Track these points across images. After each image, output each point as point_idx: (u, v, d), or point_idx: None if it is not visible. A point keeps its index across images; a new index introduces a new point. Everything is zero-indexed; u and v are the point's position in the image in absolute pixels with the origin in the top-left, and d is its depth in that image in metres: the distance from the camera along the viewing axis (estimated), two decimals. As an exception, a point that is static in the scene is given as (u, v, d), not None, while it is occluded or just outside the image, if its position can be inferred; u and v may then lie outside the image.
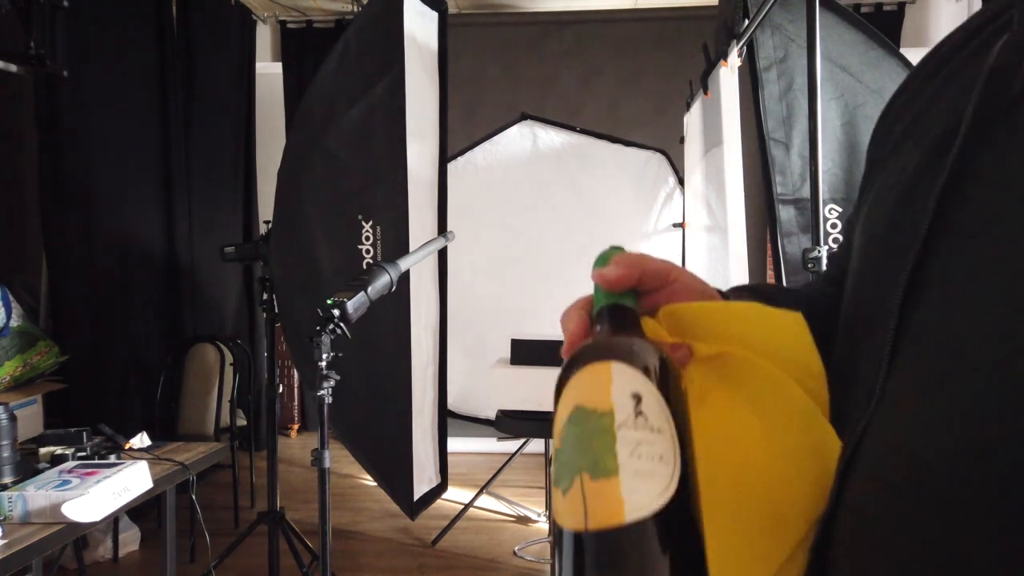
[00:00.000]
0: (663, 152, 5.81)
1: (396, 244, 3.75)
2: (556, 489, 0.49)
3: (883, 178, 0.61)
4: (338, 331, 2.45)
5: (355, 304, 2.44)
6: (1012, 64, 0.51)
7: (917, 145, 0.58)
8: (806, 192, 3.38)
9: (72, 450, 2.60)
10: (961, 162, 0.51)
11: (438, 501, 4.44)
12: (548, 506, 4.17)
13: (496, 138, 5.90)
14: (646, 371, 0.53)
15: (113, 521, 3.99)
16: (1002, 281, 0.46)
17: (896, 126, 0.64)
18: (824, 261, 2.79)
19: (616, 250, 0.65)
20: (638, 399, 0.51)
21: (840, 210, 3.37)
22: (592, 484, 0.47)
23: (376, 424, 3.94)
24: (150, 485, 2.43)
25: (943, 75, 0.60)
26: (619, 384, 0.51)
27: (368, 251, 3.83)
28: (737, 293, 0.72)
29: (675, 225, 5.84)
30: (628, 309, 0.61)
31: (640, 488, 0.47)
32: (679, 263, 5.18)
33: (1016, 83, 0.50)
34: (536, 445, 5.00)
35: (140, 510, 3.79)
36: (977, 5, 5.64)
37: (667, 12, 6.11)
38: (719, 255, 4.18)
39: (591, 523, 0.46)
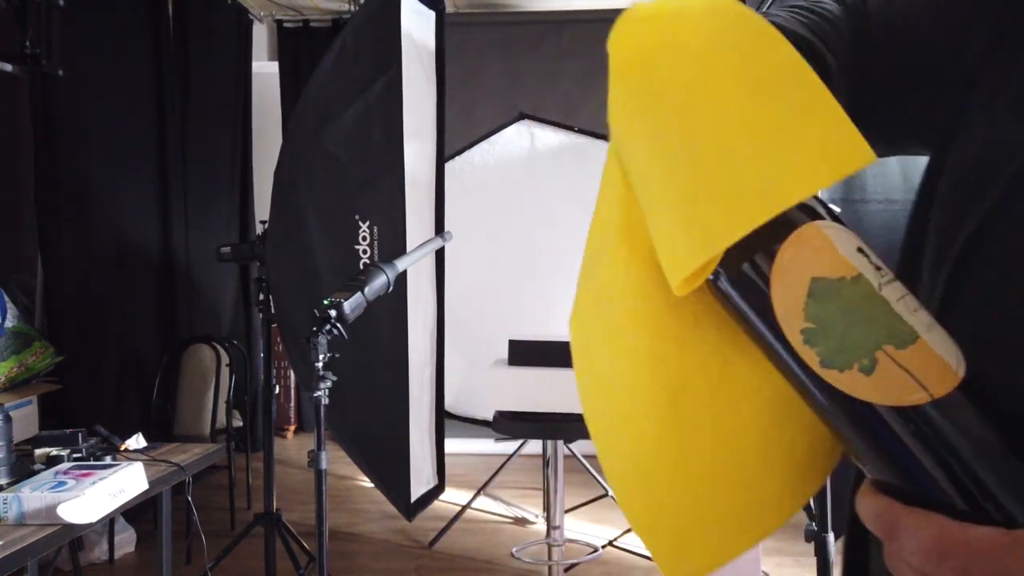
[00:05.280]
0: (661, 152, 5.80)
1: (393, 244, 3.74)
2: (847, 372, 0.45)
3: (979, 117, 0.59)
4: (335, 332, 2.44)
5: (352, 305, 2.42)
6: None
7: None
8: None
9: (68, 451, 2.58)
10: None
11: (435, 502, 4.43)
12: (546, 507, 4.17)
13: (494, 138, 5.89)
14: (835, 219, 0.49)
15: (109, 523, 3.97)
16: None
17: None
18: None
19: None
20: (863, 253, 0.47)
21: (839, 210, 3.36)
22: (905, 354, 0.45)
23: (373, 425, 3.93)
24: (146, 486, 2.42)
25: None
26: (840, 243, 0.47)
27: (365, 251, 3.82)
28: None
29: (673, 225, 5.83)
30: None
31: (942, 340, 0.46)
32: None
33: None
34: (534, 446, 4.98)
35: (136, 512, 3.78)
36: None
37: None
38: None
39: (936, 390, 0.44)
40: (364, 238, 3.82)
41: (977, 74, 0.63)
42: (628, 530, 4.22)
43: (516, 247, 5.89)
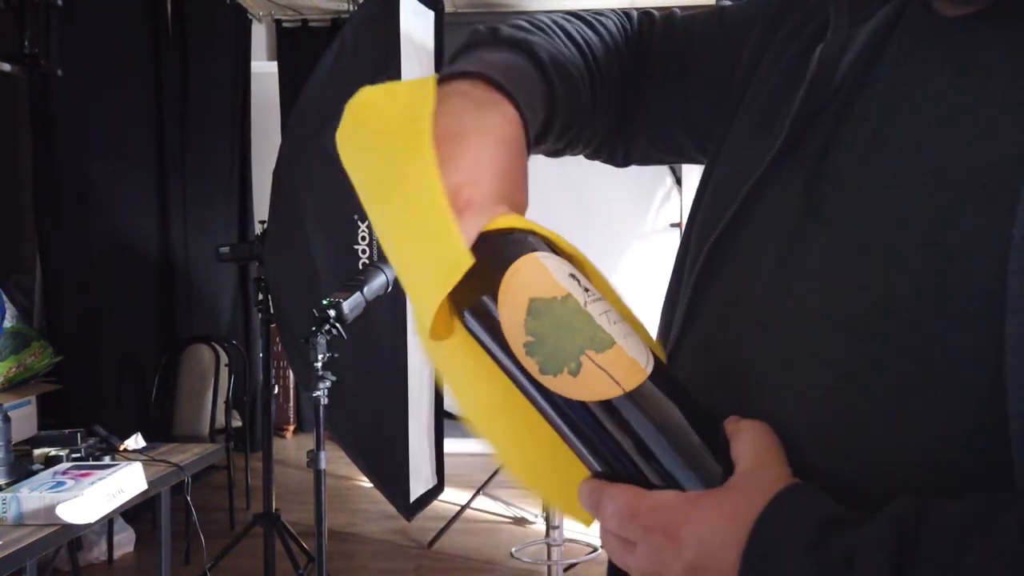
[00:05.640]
0: (660, 152, 5.79)
1: (392, 244, 3.73)
2: (559, 376, 0.54)
3: (739, 154, 0.69)
4: (334, 332, 2.43)
5: (351, 304, 2.42)
6: (824, 79, 0.62)
7: (761, 132, 0.67)
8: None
9: (66, 451, 2.57)
10: (770, 168, 0.63)
11: (435, 502, 4.43)
12: (545, 507, 4.16)
13: (492, 138, 5.88)
14: (555, 252, 0.58)
15: (107, 523, 3.96)
16: (760, 276, 0.61)
17: (754, 84, 0.72)
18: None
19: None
20: (575, 277, 0.57)
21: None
22: (603, 356, 0.54)
23: (372, 425, 3.92)
24: (145, 487, 2.41)
25: (790, 56, 0.69)
26: (555, 270, 0.56)
27: (364, 251, 3.82)
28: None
29: (672, 225, 5.83)
30: None
31: (635, 346, 0.56)
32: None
33: (825, 95, 0.62)
34: (533, 446, 4.97)
35: (135, 512, 3.77)
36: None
37: (664, 11, 6.09)
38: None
39: (627, 385, 0.54)
40: (363, 238, 3.82)
41: (743, 94, 0.73)
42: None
43: (515, 247, 5.88)
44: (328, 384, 2.52)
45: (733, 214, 0.64)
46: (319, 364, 2.49)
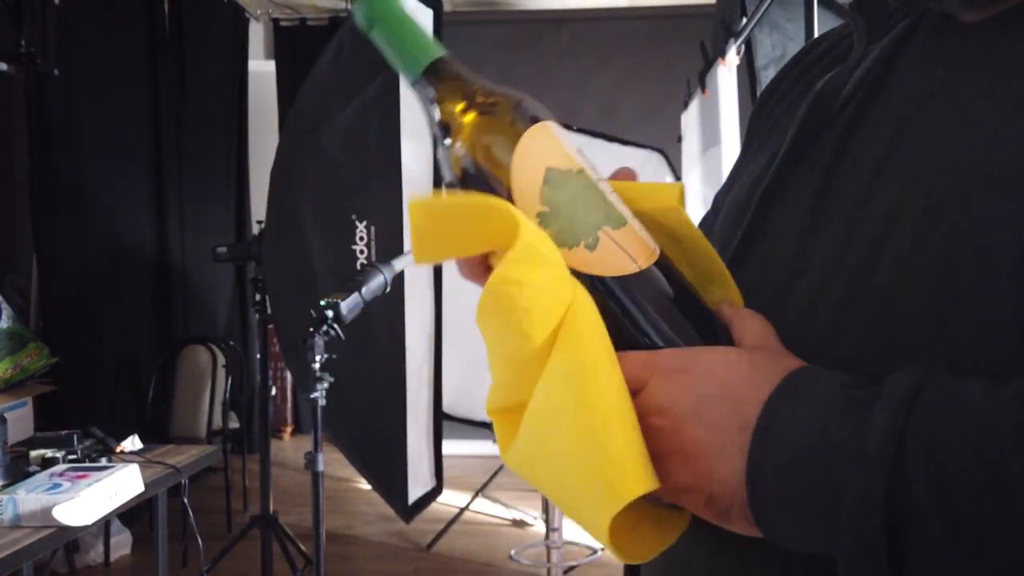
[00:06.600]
0: (661, 151, 5.78)
1: (390, 244, 3.72)
2: (574, 249, 0.54)
3: (746, 172, 0.74)
4: (332, 332, 2.41)
5: (349, 305, 2.40)
6: (831, 92, 0.64)
7: (765, 149, 0.70)
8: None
9: (63, 453, 2.56)
10: (778, 176, 0.65)
11: (433, 504, 4.40)
12: (545, 509, 4.15)
13: (491, 137, 5.87)
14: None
15: (104, 525, 3.94)
16: (769, 282, 0.62)
17: (766, 119, 0.77)
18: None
19: None
20: (582, 154, 0.57)
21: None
22: (618, 233, 0.54)
23: (370, 426, 3.91)
24: (142, 488, 2.40)
25: (801, 85, 0.72)
26: (567, 142, 0.56)
27: (362, 251, 3.80)
28: None
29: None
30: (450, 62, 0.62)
31: (641, 227, 0.56)
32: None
33: (832, 107, 0.63)
34: (532, 447, 4.95)
35: (132, 514, 3.76)
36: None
37: (664, 10, 6.09)
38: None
39: (642, 262, 0.55)
40: (361, 238, 3.80)
41: (759, 115, 0.79)
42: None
43: (514, 247, 5.86)
44: (326, 385, 2.51)
45: (747, 226, 0.66)
46: (316, 365, 2.47)
